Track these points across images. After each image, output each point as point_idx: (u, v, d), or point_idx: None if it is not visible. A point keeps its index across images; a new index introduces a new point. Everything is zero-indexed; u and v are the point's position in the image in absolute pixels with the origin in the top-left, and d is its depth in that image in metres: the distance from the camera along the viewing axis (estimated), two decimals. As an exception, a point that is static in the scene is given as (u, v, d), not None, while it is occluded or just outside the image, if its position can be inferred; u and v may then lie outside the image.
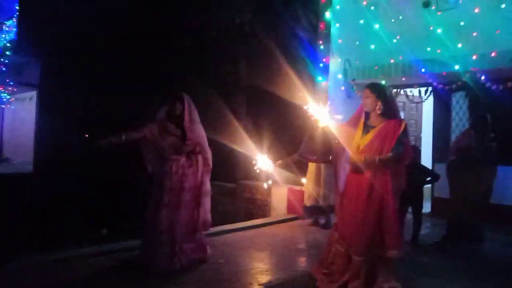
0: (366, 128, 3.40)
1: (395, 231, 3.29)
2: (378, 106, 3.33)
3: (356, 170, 3.32)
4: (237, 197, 7.21)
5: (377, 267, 3.34)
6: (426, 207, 7.11)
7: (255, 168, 4.98)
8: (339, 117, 5.58)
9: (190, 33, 9.09)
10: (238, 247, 4.67)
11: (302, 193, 6.22)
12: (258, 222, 6.05)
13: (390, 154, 3.24)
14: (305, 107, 3.75)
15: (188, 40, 9.08)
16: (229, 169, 7.74)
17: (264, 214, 6.62)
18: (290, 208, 6.65)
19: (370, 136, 3.34)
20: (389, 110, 3.36)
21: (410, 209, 5.05)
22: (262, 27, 8.14)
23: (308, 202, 5.94)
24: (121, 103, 8.62)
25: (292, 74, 7.34)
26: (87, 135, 4.26)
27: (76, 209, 7.56)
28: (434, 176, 5.22)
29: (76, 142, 5.79)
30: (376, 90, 3.38)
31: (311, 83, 7.49)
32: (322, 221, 5.94)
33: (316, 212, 5.93)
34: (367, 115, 3.45)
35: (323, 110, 3.68)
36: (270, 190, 6.66)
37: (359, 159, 3.26)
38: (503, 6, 5.86)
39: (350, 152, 3.38)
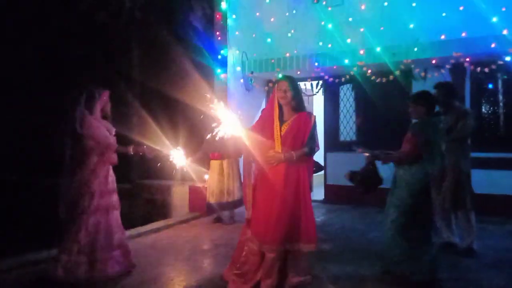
0: (281, 123, 3.29)
1: (312, 225, 3.27)
2: (294, 100, 3.26)
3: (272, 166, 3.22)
4: (134, 198, 6.63)
5: (288, 262, 3.29)
6: (320, 194, 7.52)
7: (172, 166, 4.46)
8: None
9: (77, 16, 8.05)
10: (139, 255, 4.21)
11: (204, 190, 5.97)
12: (159, 224, 5.61)
13: (305, 149, 3.22)
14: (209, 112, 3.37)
15: (74, 24, 8.02)
16: (123, 168, 7.09)
17: (165, 215, 6.19)
18: (192, 206, 6.35)
19: (283, 130, 3.25)
20: (301, 103, 3.33)
21: None
22: (154, 14, 7.58)
23: (211, 199, 5.74)
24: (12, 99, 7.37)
25: (189, 65, 6.98)
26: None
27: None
28: (319, 167, 5.34)
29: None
30: (293, 83, 3.29)
31: (209, 75, 7.23)
32: (225, 217, 5.78)
33: (220, 209, 5.76)
34: (279, 109, 3.32)
35: (228, 115, 3.19)
36: (170, 189, 6.25)
37: (279, 157, 3.17)
38: (385, 3, 6.36)
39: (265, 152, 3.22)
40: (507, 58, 5.75)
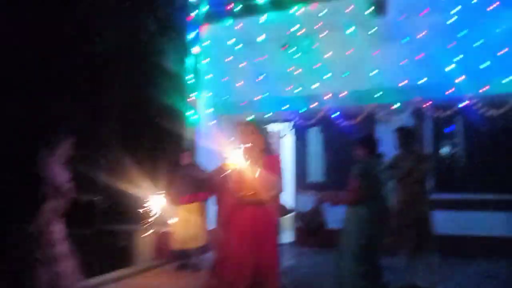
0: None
1: (276, 269, 3.22)
2: (261, 143, 3.31)
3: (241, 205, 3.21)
4: (94, 244, 6.32)
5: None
6: (290, 237, 7.40)
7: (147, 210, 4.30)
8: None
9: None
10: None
11: (169, 235, 5.76)
12: (122, 273, 5.35)
13: (275, 191, 3.23)
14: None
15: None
16: (85, 212, 6.83)
17: (128, 262, 5.91)
18: (157, 253, 6.12)
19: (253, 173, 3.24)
20: (268, 146, 3.40)
21: None
22: (128, 57, 7.66)
23: (176, 245, 5.55)
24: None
25: (160, 107, 7.01)
26: None
27: None
28: (285, 210, 5.16)
29: None
30: (259, 127, 3.39)
31: (180, 117, 7.28)
32: (191, 264, 5.57)
33: (185, 256, 5.56)
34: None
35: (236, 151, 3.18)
36: (133, 235, 6.03)
37: (249, 199, 3.16)
38: (350, 51, 6.63)
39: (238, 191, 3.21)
40: (465, 103, 6.05)
